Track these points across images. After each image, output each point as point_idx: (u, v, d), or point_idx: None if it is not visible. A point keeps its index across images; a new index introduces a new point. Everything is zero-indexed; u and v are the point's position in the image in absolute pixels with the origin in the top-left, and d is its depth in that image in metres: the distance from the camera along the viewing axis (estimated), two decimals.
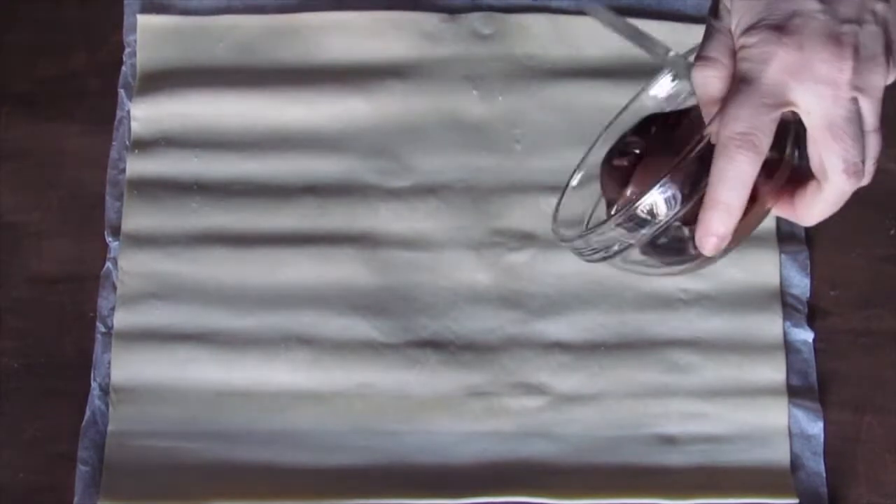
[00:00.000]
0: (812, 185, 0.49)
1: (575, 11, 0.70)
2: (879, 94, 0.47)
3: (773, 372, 0.64)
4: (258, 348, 0.64)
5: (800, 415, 0.63)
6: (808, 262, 0.66)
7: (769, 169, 0.48)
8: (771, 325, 0.65)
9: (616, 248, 0.50)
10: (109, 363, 0.64)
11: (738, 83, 0.47)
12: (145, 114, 0.68)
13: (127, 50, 0.70)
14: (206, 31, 0.70)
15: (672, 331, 0.65)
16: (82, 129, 0.69)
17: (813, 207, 0.49)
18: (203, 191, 0.67)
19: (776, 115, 0.46)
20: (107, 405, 0.63)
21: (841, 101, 0.46)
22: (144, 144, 0.68)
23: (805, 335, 0.65)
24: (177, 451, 0.62)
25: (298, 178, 0.67)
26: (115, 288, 0.65)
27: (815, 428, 0.63)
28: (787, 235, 0.66)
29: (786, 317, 0.65)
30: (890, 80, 0.48)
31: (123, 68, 0.69)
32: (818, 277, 0.66)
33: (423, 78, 0.69)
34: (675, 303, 0.65)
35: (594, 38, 0.69)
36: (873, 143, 0.48)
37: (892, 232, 0.67)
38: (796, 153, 0.50)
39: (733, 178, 0.46)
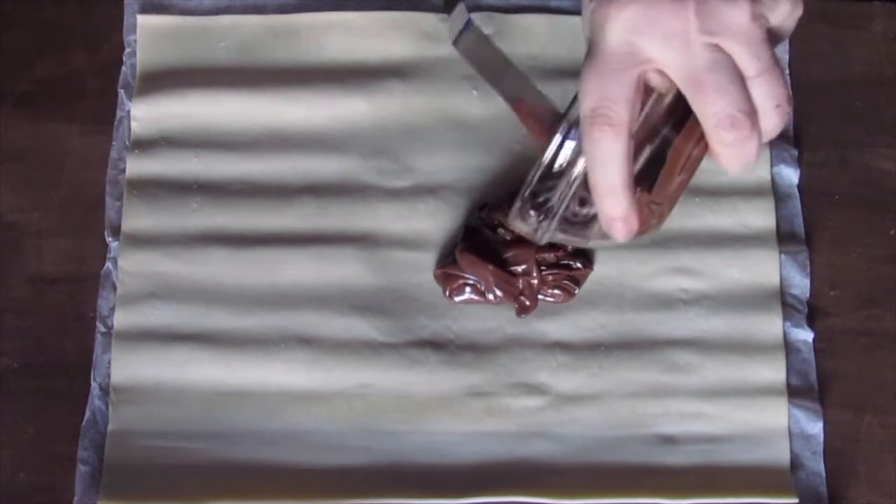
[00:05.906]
0: None
1: (575, 11, 0.70)
2: (749, 32, 0.43)
3: (773, 372, 0.64)
4: (258, 348, 0.64)
5: (799, 415, 0.63)
6: (808, 262, 0.66)
7: (693, 126, 0.45)
8: (771, 325, 0.65)
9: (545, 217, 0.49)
10: (109, 363, 0.64)
11: (585, 56, 0.43)
12: (145, 114, 0.68)
13: (127, 50, 0.70)
14: (206, 31, 0.70)
15: (672, 331, 0.65)
16: (82, 129, 0.69)
17: (720, 159, 0.46)
18: (203, 191, 0.67)
19: (630, 78, 0.42)
20: (107, 405, 0.63)
21: (695, 50, 0.42)
22: (144, 144, 0.68)
23: (805, 335, 0.65)
24: (177, 451, 0.62)
25: (298, 178, 0.67)
26: (115, 288, 0.65)
27: (815, 428, 0.63)
28: (787, 235, 0.66)
29: (786, 317, 0.65)
30: (776, 14, 0.43)
31: (123, 68, 0.69)
32: (818, 277, 0.66)
33: (423, 78, 0.69)
34: (675, 303, 0.65)
35: None
36: (765, 88, 0.43)
37: (892, 232, 0.67)
38: None
39: (599, 158, 0.43)
